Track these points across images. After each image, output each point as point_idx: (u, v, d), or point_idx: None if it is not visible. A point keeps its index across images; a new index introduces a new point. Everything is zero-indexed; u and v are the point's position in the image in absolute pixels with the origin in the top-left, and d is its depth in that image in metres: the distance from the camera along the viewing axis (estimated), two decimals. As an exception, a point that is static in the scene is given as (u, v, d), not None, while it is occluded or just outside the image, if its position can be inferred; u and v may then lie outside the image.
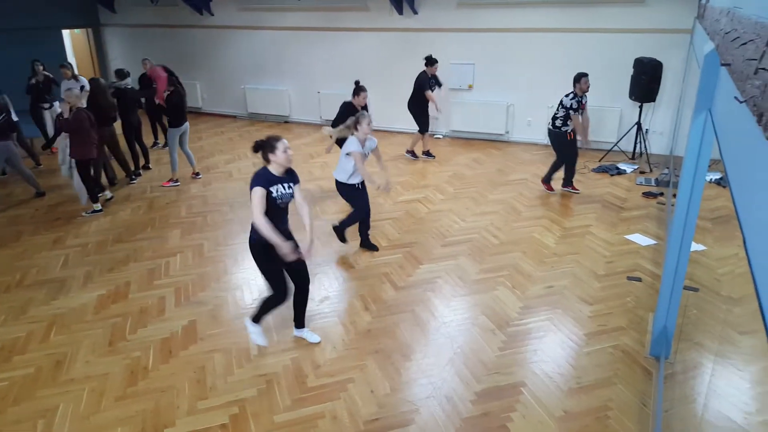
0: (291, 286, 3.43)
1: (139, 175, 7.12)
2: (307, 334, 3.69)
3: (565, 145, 6.03)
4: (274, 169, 3.23)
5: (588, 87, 5.86)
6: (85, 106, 5.88)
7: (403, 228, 5.43)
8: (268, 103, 10.12)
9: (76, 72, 7.95)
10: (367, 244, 4.95)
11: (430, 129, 7.67)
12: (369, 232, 4.96)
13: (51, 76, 7.78)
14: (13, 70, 8.24)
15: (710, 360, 3.24)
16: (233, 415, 3.00)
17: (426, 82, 7.30)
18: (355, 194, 4.73)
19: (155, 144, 8.48)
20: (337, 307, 4.06)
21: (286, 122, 10.16)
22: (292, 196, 3.31)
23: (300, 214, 3.36)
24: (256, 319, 3.50)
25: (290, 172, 3.32)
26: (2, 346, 3.66)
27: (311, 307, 4.03)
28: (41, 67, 7.70)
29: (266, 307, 3.45)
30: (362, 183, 4.69)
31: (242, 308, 4.05)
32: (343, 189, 4.72)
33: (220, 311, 4.02)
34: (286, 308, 4.04)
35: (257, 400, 3.11)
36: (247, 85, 10.24)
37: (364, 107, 5.81)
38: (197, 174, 7.08)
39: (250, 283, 4.37)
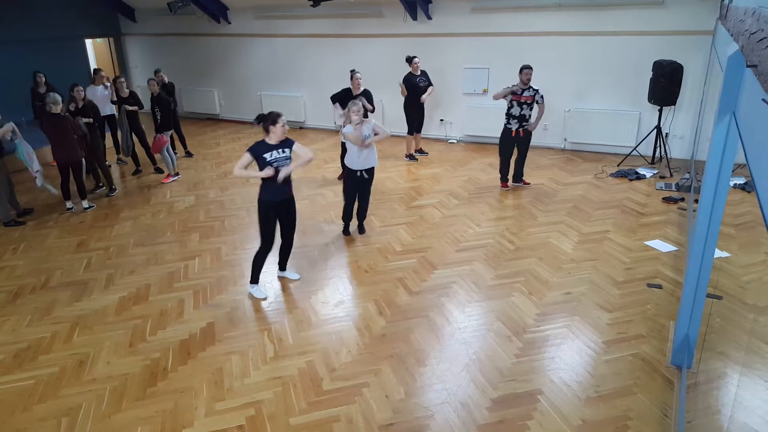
0: (277, 240, 4.22)
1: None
2: (289, 273, 4.54)
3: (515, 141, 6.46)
4: (271, 139, 3.92)
5: (528, 79, 6.18)
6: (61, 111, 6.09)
7: (417, 233, 5.42)
8: (284, 109, 10.00)
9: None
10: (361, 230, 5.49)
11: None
12: (363, 222, 5.50)
13: (53, 86, 7.99)
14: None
15: (735, 371, 3.14)
16: (250, 417, 3.03)
17: (413, 80, 7.52)
18: (348, 181, 5.18)
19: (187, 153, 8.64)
20: (352, 311, 4.07)
21: (301, 128, 10.26)
22: (288, 158, 3.99)
23: (300, 155, 4.03)
24: (254, 279, 4.26)
25: (285, 141, 3.99)
26: (28, 346, 3.75)
27: (326, 310, 4.08)
28: (43, 79, 7.94)
29: (258, 262, 4.20)
30: (364, 171, 5.11)
31: (259, 311, 4.09)
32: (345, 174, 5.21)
33: (237, 314, 4.07)
34: (295, 317, 4.06)
35: (273, 403, 3.13)
36: (263, 92, 10.37)
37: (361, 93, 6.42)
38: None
39: (266, 287, 4.41)
